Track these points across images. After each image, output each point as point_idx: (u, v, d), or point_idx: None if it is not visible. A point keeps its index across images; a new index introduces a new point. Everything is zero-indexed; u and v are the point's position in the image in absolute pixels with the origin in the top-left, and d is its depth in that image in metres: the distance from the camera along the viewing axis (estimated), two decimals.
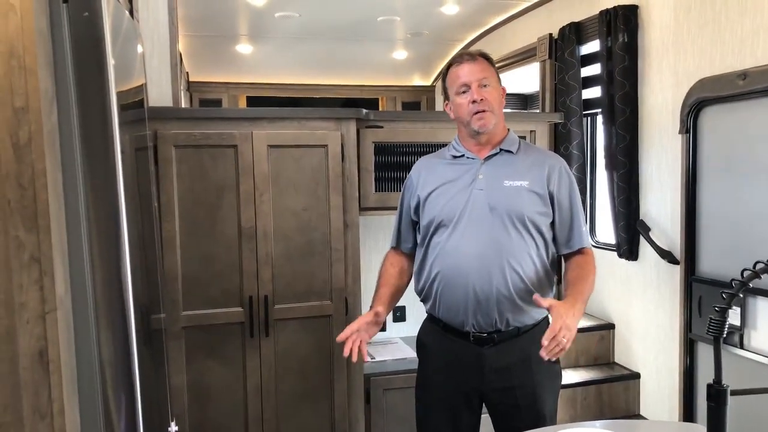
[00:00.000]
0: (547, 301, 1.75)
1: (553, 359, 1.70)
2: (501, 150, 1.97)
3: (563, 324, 1.66)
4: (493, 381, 1.92)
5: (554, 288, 2.00)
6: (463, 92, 1.92)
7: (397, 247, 2.14)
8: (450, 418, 1.98)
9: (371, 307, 1.96)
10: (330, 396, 2.58)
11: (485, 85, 1.90)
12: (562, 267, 2.05)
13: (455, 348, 1.94)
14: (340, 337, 1.87)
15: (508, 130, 2.03)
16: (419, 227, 2.03)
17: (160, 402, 1.54)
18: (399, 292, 2.07)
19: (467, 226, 1.90)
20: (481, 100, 1.89)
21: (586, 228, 1.99)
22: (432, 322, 2.03)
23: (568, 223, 1.95)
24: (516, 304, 1.87)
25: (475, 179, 1.93)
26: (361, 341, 1.86)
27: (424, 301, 2.04)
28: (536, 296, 1.77)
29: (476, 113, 1.90)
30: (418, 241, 2.04)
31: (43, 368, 0.87)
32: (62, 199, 0.90)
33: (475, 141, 1.97)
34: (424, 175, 2.03)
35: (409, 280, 2.10)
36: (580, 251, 1.97)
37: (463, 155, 1.99)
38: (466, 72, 1.91)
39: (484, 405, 2.00)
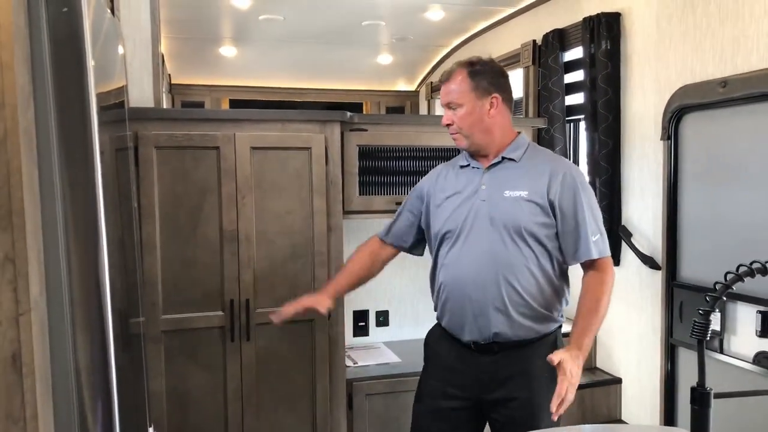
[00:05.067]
0: (557, 356, 1.69)
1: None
2: (503, 158, 1.94)
3: (569, 383, 1.65)
4: (493, 391, 1.90)
5: (566, 300, 1.95)
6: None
7: (384, 237, 2.13)
8: (449, 426, 1.96)
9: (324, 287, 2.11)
10: (312, 401, 2.55)
11: (454, 108, 1.90)
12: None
13: (459, 356, 1.94)
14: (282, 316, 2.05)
15: (518, 133, 1.99)
16: (428, 237, 2.03)
17: (138, 407, 1.51)
18: (360, 282, 2.13)
19: (468, 237, 1.89)
20: (449, 125, 1.92)
21: (599, 237, 1.88)
22: (439, 327, 2.04)
23: (573, 232, 1.86)
24: (512, 318, 1.85)
25: (478, 189, 1.92)
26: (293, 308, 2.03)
27: (435, 308, 2.05)
28: (549, 357, 1.71)
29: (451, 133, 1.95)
30: (429, 251, 2.04)
31: (16, 372, 0.84)
32: (38, 197, 0.88)
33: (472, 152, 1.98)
34: (440, 182, 2.03)
35: (379, 271, 2.14)
36: (593, 264, 1.89)
37: (469, 164, 1.99)
38: (442, 93, 1.95)
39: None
